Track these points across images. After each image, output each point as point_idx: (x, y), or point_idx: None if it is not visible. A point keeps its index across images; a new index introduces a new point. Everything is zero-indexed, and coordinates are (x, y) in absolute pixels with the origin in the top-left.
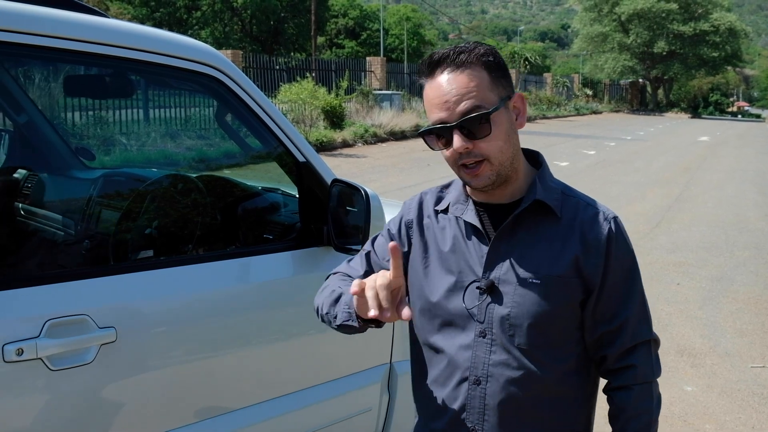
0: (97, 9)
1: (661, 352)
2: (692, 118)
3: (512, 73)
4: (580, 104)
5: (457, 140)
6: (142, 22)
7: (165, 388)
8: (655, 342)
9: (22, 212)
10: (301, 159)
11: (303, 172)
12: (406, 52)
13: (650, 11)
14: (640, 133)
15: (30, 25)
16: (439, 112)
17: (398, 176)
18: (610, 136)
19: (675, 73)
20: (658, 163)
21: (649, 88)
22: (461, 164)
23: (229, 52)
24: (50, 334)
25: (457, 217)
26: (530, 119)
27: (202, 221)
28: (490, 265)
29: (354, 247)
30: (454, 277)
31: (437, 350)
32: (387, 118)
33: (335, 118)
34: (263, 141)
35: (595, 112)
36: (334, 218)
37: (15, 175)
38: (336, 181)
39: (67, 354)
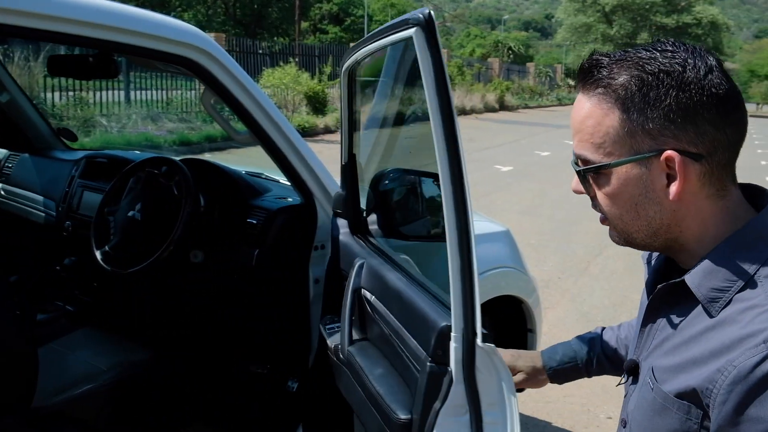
0: None
1: None
2: None
3: (495, 62)
4: (563, 94)
5: (574, 179)
6: (125, 3)
7: None
8: None
9: (1, 192)
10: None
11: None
12: None
13: (634, 3)
14: None
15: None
16: None
17: (379, 164)
18: None
19: None
20: None
21: None
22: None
23: (212, 35)
24: None
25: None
26: (512, 109)
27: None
28: (639, 342)
29: None
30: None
31: None
32: None
33: (318, 104)
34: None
35: None
36: None
37: None
38: None
39: None
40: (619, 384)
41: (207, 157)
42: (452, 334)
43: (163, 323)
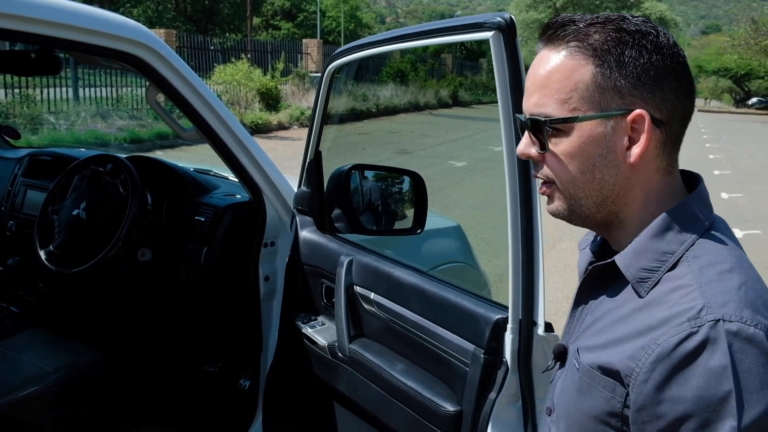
0: None
1: None
2: None
3: (448, 57)
4: None
5: (523, 142)
6: None
7: None
8: None
9: None
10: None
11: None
12: (342, 35)
13: None
14: None
15: None
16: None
17: (333, 160)
18: None
19: None
20: None
21: None
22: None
23: (162, 31)
24: None
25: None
26: (466, 104)
27: None
28: (569, 326)
29: None
30: None
31: None
32: None
33: (271, 101)
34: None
35: None
36: None
37: None
38: None
39: None
40: (545, 371)
41: (158, 154)
42: (509, 326)
43: (111, 323)
